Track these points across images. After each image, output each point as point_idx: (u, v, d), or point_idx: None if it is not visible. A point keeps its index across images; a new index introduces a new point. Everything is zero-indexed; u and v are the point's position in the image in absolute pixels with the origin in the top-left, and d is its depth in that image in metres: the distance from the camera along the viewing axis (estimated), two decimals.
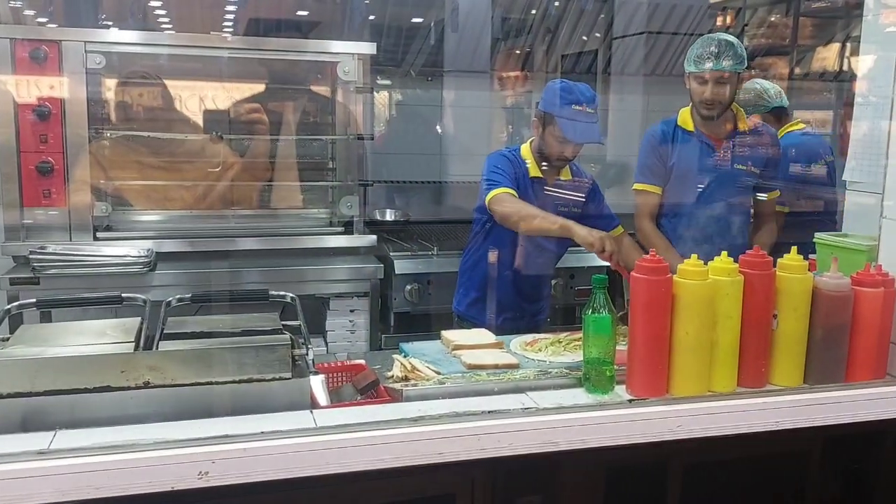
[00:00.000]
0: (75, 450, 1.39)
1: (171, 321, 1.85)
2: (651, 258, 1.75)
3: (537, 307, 3.03)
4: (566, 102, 2.64)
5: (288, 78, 3.88)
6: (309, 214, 3.95)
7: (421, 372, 2.10)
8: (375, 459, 1.49)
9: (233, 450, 1.42)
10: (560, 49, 5.78)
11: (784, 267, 1.82)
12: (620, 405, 1.68)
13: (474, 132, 5.07)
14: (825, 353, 1.83)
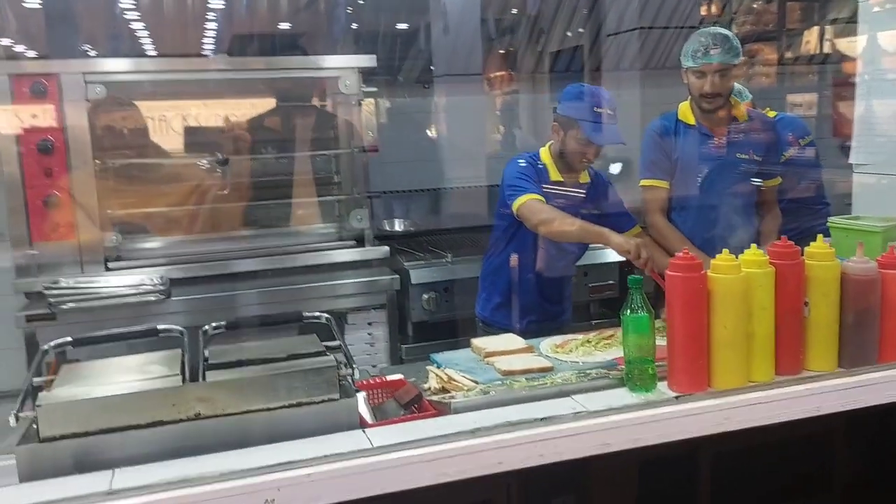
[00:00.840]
0: (143, 487, 1.40)
1: (211, 350, 1.86)
2: (685, 256, 1.78)
3: (560, 308, 3.06)
4: (588, 106, 2.68)
5: (287, 95, 3.89)
6: (317, 230, 3.96)
7: (458, 382, 2.12)
8: (438, 474, 1.51)
9: (297, 476, 1.44)
10: (548, 48, 5.83)
11: (812, 255, 1.86)
12: (668, 402, 1.71)
13: (469, 135, 5.09)
14: (857, 337, 1.87)
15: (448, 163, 4.88)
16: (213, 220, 3.75)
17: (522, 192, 2.74)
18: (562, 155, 2.84)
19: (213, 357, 1.80)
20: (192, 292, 3.44)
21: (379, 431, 1.67)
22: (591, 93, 2.75)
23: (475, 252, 3.81)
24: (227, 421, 1.67)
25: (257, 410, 1.70)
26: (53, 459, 1.58)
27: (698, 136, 2.91)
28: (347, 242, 3.82)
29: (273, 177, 3.86)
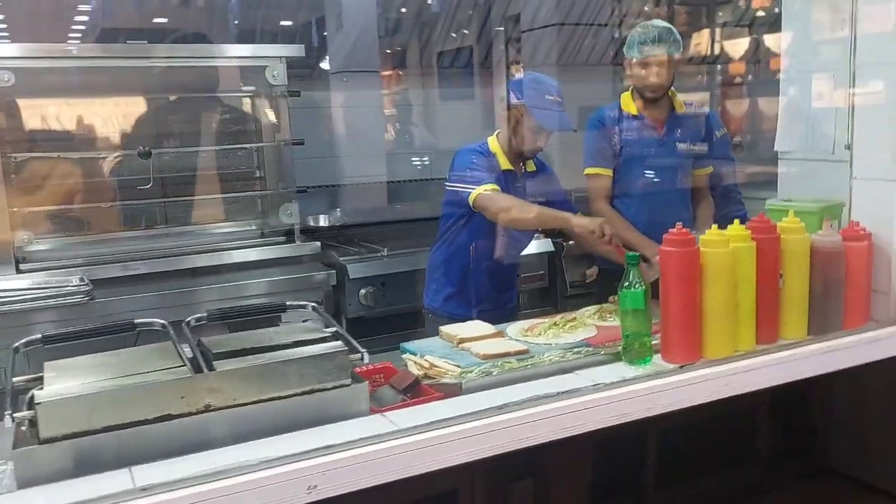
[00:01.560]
0: (180, 480, 1.31)
1: (207, 341, 1.76)
2: (678, 231, 1.86)
3: (509, 296, 3.10)
4: (539, 93, 2.73)
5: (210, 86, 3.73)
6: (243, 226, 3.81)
7: (441, 368, 2.12)
8: (473, 451, 1.50)
9: (340, 459, 1.39)
10: (438, 46, 5.89)
11: (786, 230, 1.98)
12: (673, 372, 1.77)
13: (368, 132, 5.06)
14: (825, 306, 2.02)
15: (346, 160, 4.82)
16: (131, 217, 3.54)
17: (478, 182, 2.75)
18: (511, 143, 2.88)
19: (212, 347, 1.70)
20: (114, 294, 3.24)
21: (399, 414, 1.64)
22: (541, 81, 2.81)
23: (409, 246, 3.80)
24: (238, 412, 1.59)
25: (269, 399, 1.62)
26: (55, 462, 1.44)
27: (641, 125, 3.04)
28: (277, 238, 3.71)
29: (193, 172, 3.69)
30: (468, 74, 6.03)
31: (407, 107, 5.87)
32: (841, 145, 2.76)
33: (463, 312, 2.99)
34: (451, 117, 5.73)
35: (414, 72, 5.88)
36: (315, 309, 2.02)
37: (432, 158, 5.35)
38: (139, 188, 3.43)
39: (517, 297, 3.21)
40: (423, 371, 2.10)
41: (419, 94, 5.89)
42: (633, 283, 1.87)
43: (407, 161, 5.35)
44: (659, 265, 2.69)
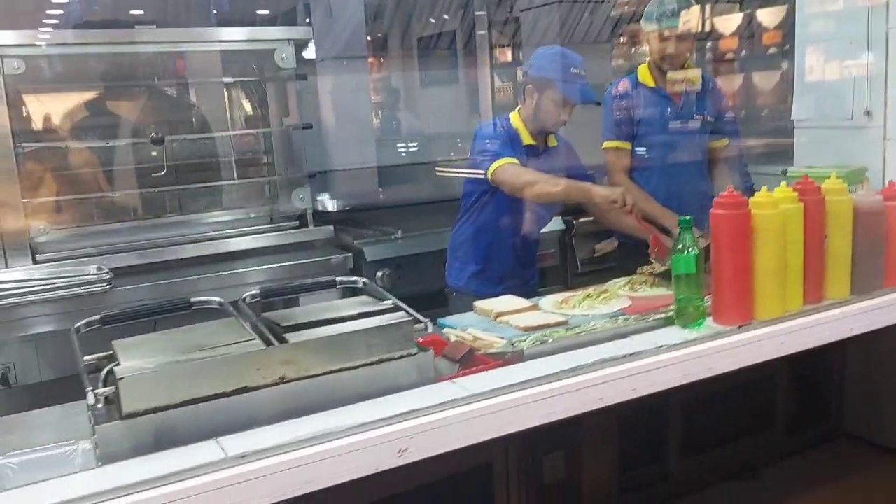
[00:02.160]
0: (275, 448, 1.31)
1: (270, 315, 1.76)
2: (729, 194, 1.88)
3: (531, 273, 3.12)
4: (564, 66, 2.73)
5: (221, 70, 3.69)
6: (252, 213, 3.79)
7: (485, 340, 2.13)
8: (548, 413, 1.52)
9: (428, 422, 1.39)
10: (420, 31, 5.88)
11: (829, 191, 2.02)
12: (732, 332, 1.80)
13: (358, 117, 5.03)
14: (867, 265, 2.06)
15: (339, 145, 4.80)
16: (145, 206, 3.50)
17: (497, 156, 2.76)
18: (535, 118, 2.88)
19: (278, 321, 1.70)
20: (131, 282, 3.20)
21: (468, 381, 1.65)
22: (566, 54, 2.82)
23: (423, 227, 3.80)
24: (312, 383, 1.59)
25: (340, 370, 1.62)
26: (137, 437, 1.43)
27: (658, 97, 3.07)
28: (290, 223, 3.69)
29: (205, 158, 3.66)
30: (452, 58, 6.01)
31: (393, 92, 5.85)
32: (860, 111, 2.80)
33: (487, 290, 2.99)
34: (436, 102, 5.73)
35: (396, 57, 5.85)
36: (366, 284, 2.01)
37: (420, 143, 5.35)
38: (153, 175, 3.39)
39: (538, 273, 3.22)
40: (469, 344, 2.11)
41: (403, 80, 5.87)
42: (686, 246, 1.89)
43: (393, 146, 5.33)
44: None
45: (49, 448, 1.57)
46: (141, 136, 3.39)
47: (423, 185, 4.56)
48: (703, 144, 3.19)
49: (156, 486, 1.23)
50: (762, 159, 4.05)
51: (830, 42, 2.91)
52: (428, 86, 6.15)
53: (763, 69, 5.87)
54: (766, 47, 5.72)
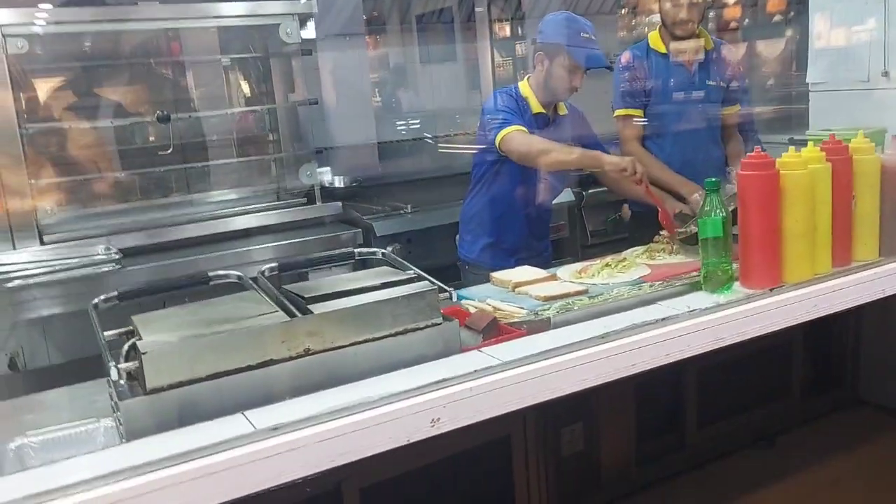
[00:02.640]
0: (305, 420, 1.27)
1: (292, 287, 1.72)
2: (756, 154, 1.84)
3: (544, 244, 3.08)
4: (574, 31, 2.68)
5: (223, 45, 3.63)
6: (259, 190, 3.74)
7: (506, 311, 2.09)
8: (581, 380, 1.48)
9: (460, 391, 1.36)
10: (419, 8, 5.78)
11: (857, 150, 1.97)
12: (763, 296, 1.77)
13: (356, 95, 4.96)
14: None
15: (333, 123, 4.73)
16: (152, 185, 3.45)
17: (505, 123, 2.70)
18: (546, 86, 2.82)
19: (301, 293, 1.66)
20: (139, 262, 3.16)
21: (497, 349, 1.61)
22: (575, 19, 2.76)
23: (432, 201, 3.76)
24: (337, 354, 1.55)
25: (366, 341, 1.58)
26: (163, 412, 1.40)
27: (670, 63, 3.01)
28: (298, 200, 3.65)
29: (211, 137, 3.61)
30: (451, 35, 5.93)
31: (393, 69, 5.77)
32: (877, 73, 2.76)
33: (500, 262, 2.95)
34: (436, 78, 5.66)
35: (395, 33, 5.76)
36: (385, 255, 1.97)
37: (422, 119, 5.29)
38: (159, 155, 3.34)
39: (551, 245, 3.18)
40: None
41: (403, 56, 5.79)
42: (713, 209, 1.84)
43: (394, 123, 5.27)
44: (695, 203, 2.70)
45: (70, 426, 1.55)
46: (146, 115, 3.33)
47: (426, 159, 4.50)
48: (715, 111, 3.14)
49: (187, 461, 1.19)
50: (767, 127, 4.00)
51: (844, 5, 2.86)
52: (428, 62, 6.07)
53: (767, 37, 5.79)
54: (770, 15, 5.64)
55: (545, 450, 2.65)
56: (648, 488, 2.92)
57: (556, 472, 2.70)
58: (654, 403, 3.07)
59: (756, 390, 3.34)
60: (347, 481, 2.08)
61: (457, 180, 3.85)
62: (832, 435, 3.35)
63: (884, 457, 3.15)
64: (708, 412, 3.18)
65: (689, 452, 3.11)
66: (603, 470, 2.86)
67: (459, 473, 2.47)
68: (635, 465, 2.95)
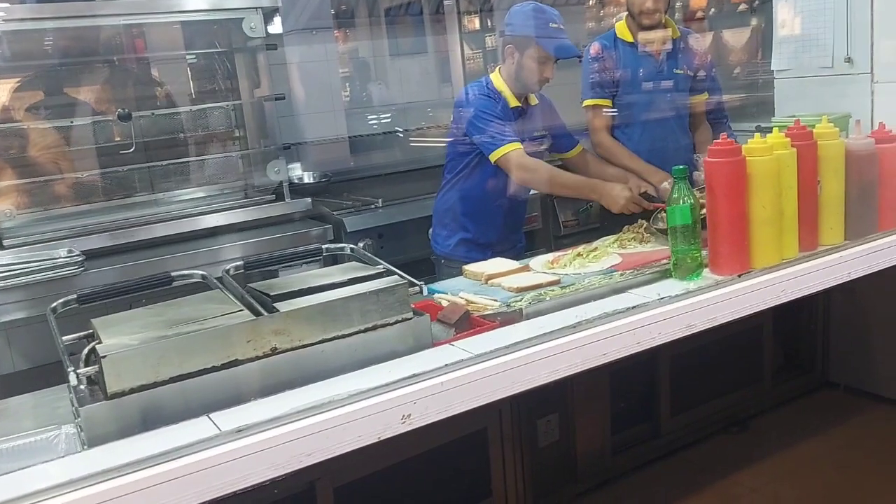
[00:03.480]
0: (272, 420, 1.24)
1: (257, 286, 1.68)
2: (723, 141, 1.84)
3: (518, 237, 3.07)
4: (543, 22, 2.66)
5: (179, 43, 3.56)
6: (226, 188, 3.68)
7: (478, 303, 2.08)
8: (553, 371, 1.47)
9: (431, 386, 1.34)
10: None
11: (821, 135, 1.98)
12: (734, 281, 1.77)
13: (324, 90, 4.91)
14: (861, 209, 2.04)
15: (301, 118, 4.68)
16: (115, 185, 3.39)
17: (500, 140, 2.66)
18: (517, 78, 2.80)
19: (266, 291, 1.63)
20: (104, 264, 3.10)
21: (468, 343, 1.59)
22: (543, 9, 2.73)
23: (403, 195, 3.73)
24: (306, 353, 1.52)
25: (334, 338, 1.56)
26: (125, 417, 1.36)
27: (638, 53, 3.01)
28: (266, 197, 3.60)
29: (174, 134, 3.55)
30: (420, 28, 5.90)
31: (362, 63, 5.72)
32: (840, 59, 2.78)
33: (475, 256, 2.93)
34: (406, 72, 5.62)
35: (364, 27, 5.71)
36: (354, 251, 1.95)
37: (392, 113, 5.25)
38: (121, 154, 3.27)
39: (525, 237, 3.17)
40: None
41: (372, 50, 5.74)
42: (681, 197, 1.84)
43: (364, 117, 5.23)
44: (664, 191, 2.71)
45: (30, 434, 1.50)
46: (108, 114, 3.27)
47: (398, 153, 4.47)
48: (684, 99, 3.15)
49: (149, 466, 1.16)
50: (735, 115, 4.02)
51: None
52: (397, 56, 6.03)
53: (733, 26, 5.83)
54: (735, 4, 5.68)
55: (521, 442, 2.65)
56: (624, 476, 2.93)
57: (532, 463, 2.70)
58: (628, 392, 3.08)
59: (728, 376, 3.37)
60: (321, 481, 2.05)
61: (429, 173, 3.84)
62: (803, 417, 3.39)
63: (854, 437, 3.20)
64: (681, 399, 3.20)
65: (663, 439, 3.13)
66: (579, 459, 2.86)
67: (436, 468, 2.46)
68: (611, 454, 2.96)
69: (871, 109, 2.27)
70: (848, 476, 2.90)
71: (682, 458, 3.10)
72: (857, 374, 3.51)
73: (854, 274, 1.88)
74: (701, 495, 2.83)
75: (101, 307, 1.71)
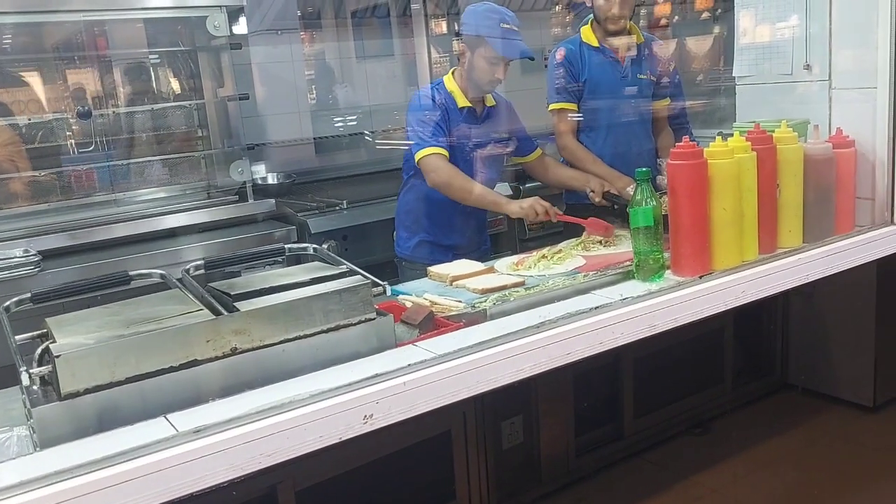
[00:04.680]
0: (232, 420, 1.22)
1: (218, 285, 1.66)
2: (685, 145, 1.86)
3: (483, 238, 3.06)
4: (494, 22, 2.65)
5: (150, 39, 3.51)
6: (188, 188, 3.64)
7: (443, 304, 2.07)
8: (516, 371, 1.47)
9: (393, 386, 1.33)
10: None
11: (781, 140, 2.01)
12: (695, 283, 1.78)
13: (290, 91, 4.88)
14: (818, 212, 2.07)
15: (264, 119, 4.64)
16: (73, 184, 3.32)
17: (424, 143, 2.66)
18: (469, 78, 2.79)
19: (227, 290, 1.60)
20: (62, 264, 3.03)
21: (431, 343, 1.59)
22: (495, 10, 2.72)
23: (367, 197, 3.72)
24: (266, 353, 1.50)
25: (296, 338, 1.54)
26: (79, 418, 1.33)
27: (603, 57, 3.03)
28: (230, 198, 3.56)
29: (135, 133, 3.49)
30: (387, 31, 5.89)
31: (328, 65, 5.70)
32: (799, 66, 2.83)
33: (439, 258, 2.93)
34: (373, 75, 5.60)
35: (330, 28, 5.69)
36: (317, 251, 1.93)
37: (358, 116, 5.24)
38: (81, 153, 3.21)
39: (490, 240, 3.17)
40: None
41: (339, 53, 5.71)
42: (643, 199, 1.85)
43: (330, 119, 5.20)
44: (628, 196, 2.73)
45: None
46: (67, 112, 3.21)
47: (363, 155, 4.45)
48: (647, 104, 3.18)
49: (103, 467, 1.13)
50: (697, 122, 4.08)
51: (768, 2, 2.93)
52: (364, 59, 6.01)
53: (696, 34, 5.92)
54: (698, 12, 5.76)
55: (486, 444, 2.64)
56: (588, 478, 2.94)
57: (496, 465, 2.70)
58: (591, 394, 3.10)
59: (690, 378, 3.40)
60: (283, 484, 2.02)
61: (394, 175, 3.80)
62: (763, 419, 3.43)
63: (812, 438, 3.25)
64: (645, 401, 3.22)
65: (626, 441, 3.15)
66: (543, 461, 2.86)
67: (400, 471, 2.44)
68: (575, 456, 2.97)
69: (829, 115, 2.31)
70: (806, 476, 2.95)
71: (645, 459, 3.13)
72: (815, 376, 3.57)
73: (812, 276, 1.91)
74: (663, 496, 2.85)
75: (57, 307, 1.67)
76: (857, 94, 2.20)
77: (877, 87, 2.15)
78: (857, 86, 2.21)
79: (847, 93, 2.23)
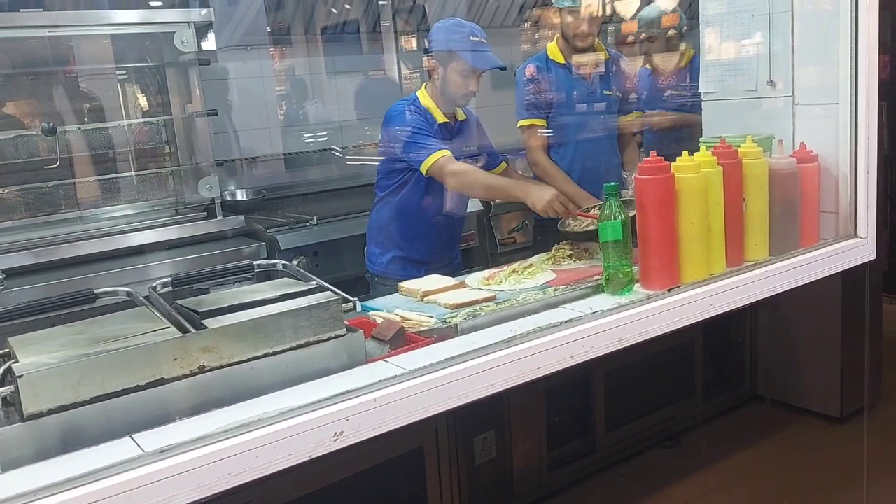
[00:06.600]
0: (200, 439, 1.20)
1: (185, 302, 1.64)
2: (653, 159, 1.88)
3: (454, 254, 3.07)
4: (464, 36, 2.68)
5: (109, 56, 3.48)
6: (156, 205, 3.61)
7: (413, 320, 2.07)
8: (488, 386, 1.47)
9: (364, 402, 1.32)
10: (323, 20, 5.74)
11: (746, 154, 2.05)
12: (662, 296, 1.80)
13: (259, 106, 4.87)
14: (784, 226, 2.10)
15: (239, 135, 4.63)
16: (38, 202, 3.27)
17: (430, 149, 2.66)
18: (443, 94, 2.80)
19: (195, 307, 1.58)
20: (27, 283, 2.99)
21: (402, 359, 1.58)
22: (463, 24, 2.74)
23: (338, 212, 3.71)
24: (235, 371, 1.48)
25: (265, 355, 1.52)
26: (42, 439, 1.30)
27: (569, 74, 3.07)
28: (198, 214, 3.53)
29: (102, 150, 3.46)
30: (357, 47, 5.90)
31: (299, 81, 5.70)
32: (764, 82, 2.88)
33: (410, 273, 2.92)
34: (343, 90, 5.61)
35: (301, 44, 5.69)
36: (287, 267, 1.91)
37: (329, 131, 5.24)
38: (46, 169, 3.17)
39: (461, 255, 3.17)
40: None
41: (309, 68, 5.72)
42: (612, 213, 1.87)
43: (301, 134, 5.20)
44: None
45: None
46: (32, 128, 3.16)
47: (333, 171, 4.45)
48: (613, 119, 3.22)
49: (66, 489, 1.11)
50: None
51: (732, 20, 2.99)
52: (335, 75, 6.02)
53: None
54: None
55: (458, 460, 2.63)
56: (560, 492, 2.95)
57: (469, 481, 2.69)
58: (563, 409, 3.11)
59: (661, 392, 3.43)
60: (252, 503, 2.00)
61: (365, 191, 3.82)
62: (733, 431, 3.47)
63: (782, 448, 3.29)
64: (616, 415, 3.24)
65: (598, 455, 3.16)
66: (515, 476, 2.86)
67: (372, 488, 2.43)
68: (547, 470, 2.97)
69: (793, 131, 2.35)
70: (776, 486, 2.98)
71: (617, 472, 3.14)
72: (783, 388, 3.62)
73: (778, 288, 1.94)
74: None
75: (21, 326, 1.64)
76: (819, 109, 2.24)
77: (839, 103, 2.19)
78: (819, 101, 2.25)
79: (810, 108, 2.27)
